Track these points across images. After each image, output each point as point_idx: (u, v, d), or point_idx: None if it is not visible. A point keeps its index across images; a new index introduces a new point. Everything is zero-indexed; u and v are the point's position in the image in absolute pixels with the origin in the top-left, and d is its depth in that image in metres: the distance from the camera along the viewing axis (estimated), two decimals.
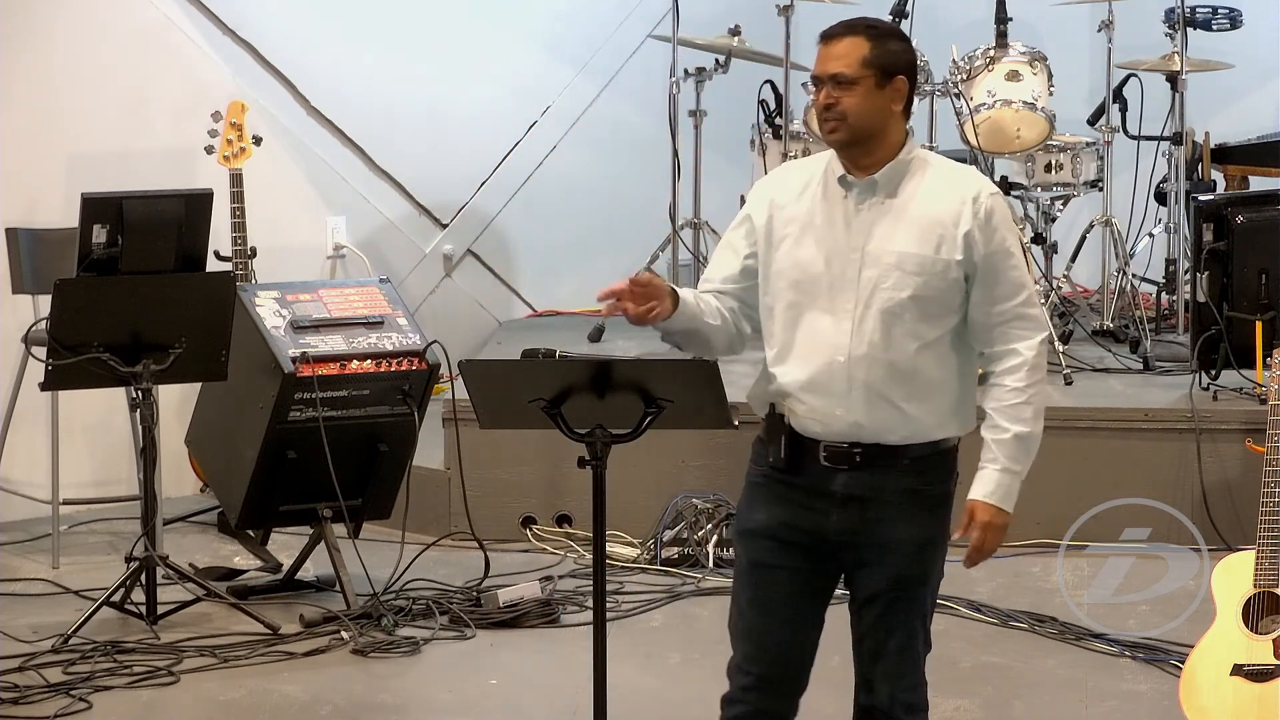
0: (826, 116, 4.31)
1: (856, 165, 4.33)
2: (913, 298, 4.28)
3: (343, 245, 8.89)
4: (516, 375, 4.25)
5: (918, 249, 4.29)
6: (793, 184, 4.40)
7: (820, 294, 4.30)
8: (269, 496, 6.86)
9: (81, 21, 8.19)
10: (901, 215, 4.31)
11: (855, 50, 4.30)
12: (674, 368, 4.23)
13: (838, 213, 4.32)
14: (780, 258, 4.33)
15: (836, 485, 4.32)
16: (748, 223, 4.40)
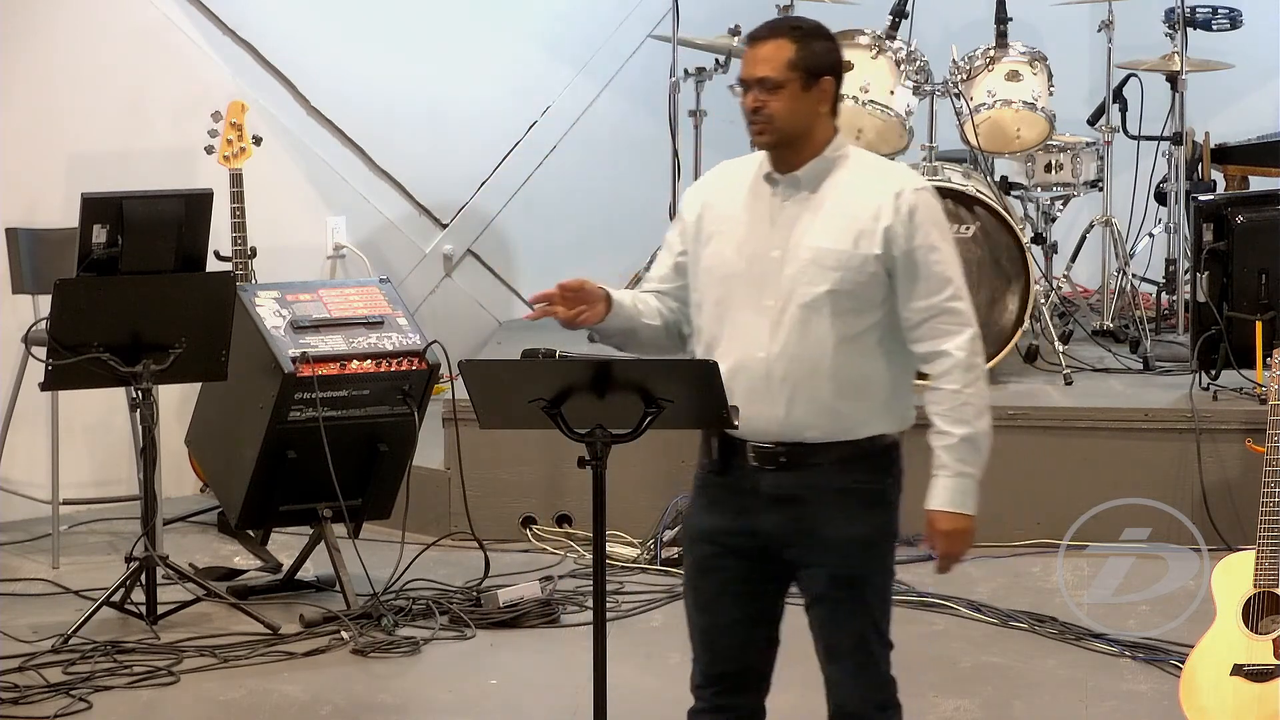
0: (754, 120, 4.32)
1: (784, 164, 4.35)
2: (830, 293, 4.28)
3: (343, 245, 8.89)
4: (516, 375, 4.25)
5: (835, 244, 4.30)
6: (725, 183, 4.43)
7: (744, 291, 4.32)
8: (269, 496, 6.86)
9: (81, 21, 8.19)
10: (823, 211, 4.32)
11: (780, 53, 4.30)
12: (674, 368, 4.23)
13: (763, 210, 4.35)
14: (708, 255, 4.37)
15: (765, 485, 4.33)
16: (680, 222, 4.45)
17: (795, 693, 6.08)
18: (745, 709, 4.53)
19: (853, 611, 4.41)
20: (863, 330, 4.32)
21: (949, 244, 4.38)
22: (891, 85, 8.14)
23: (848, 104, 8.13)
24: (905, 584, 6.99)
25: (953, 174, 7.98)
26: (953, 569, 4.42)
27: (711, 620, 4.45)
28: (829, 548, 4.34)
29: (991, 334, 7.81)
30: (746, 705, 4.53)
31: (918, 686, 6.09)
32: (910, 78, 8.13)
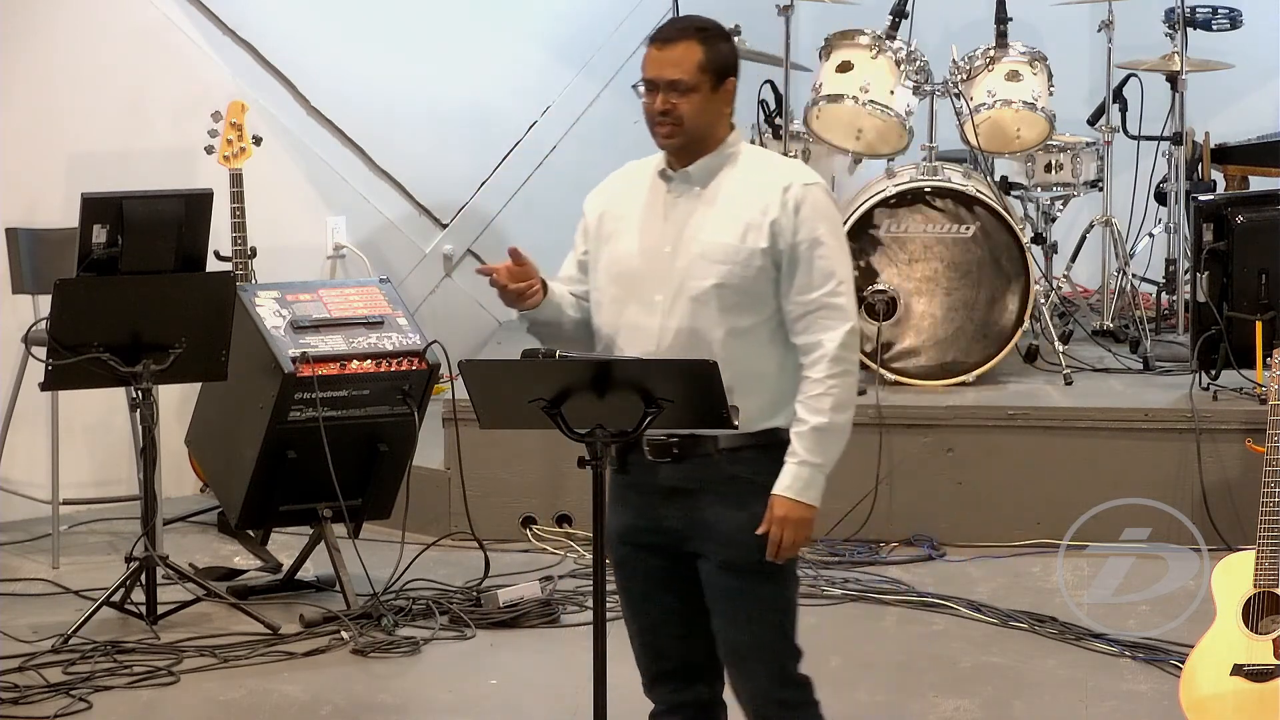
0: (663, 121, 4.35)
1: (679, 161, 4.40)
2: (717, 286, 4.31)
3: (343, 245, 8.89)
4: (516, 375, 4.25)
5: (723, 238, 4.33)
6: (626, 182, 4.49)
7: (638, 286, 4.36)
8: (269, 496, 6.86)
9: (81, 21, 8.19)
10: (713, 205, 4.36)
11: (691, 55, 4.33)
12: (674, 368, 4.23)
13: (658, 207, 4.40)
14: (606, 255, 4.42)
15: (661, 479, 4.36)
16: (583, 221, 4.51)
17: None
18: (702, 700, 4.53)
19: (749, 604, 4.40)
20: (753, 324, 4.34)
21: (837, 239, 4.39)
22: (891, 85, 8.14)
23: (847, 104, 8.14)
24: (905, 584, 7.01)
25: (953, 174, 7.98)
26: (785, 558, 4.37)
27: (645, 619, 4.48)
28: (719, 538, 4.36)
29: (991, 334, 7.82)
30: (702, 697, 4.53)
31: (918, 686, 6.10)
32: (910, 78, 8.13)
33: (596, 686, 4.18)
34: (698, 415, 4.21)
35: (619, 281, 4.38)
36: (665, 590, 4.45)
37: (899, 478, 7.48)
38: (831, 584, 7.02)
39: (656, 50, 4.37)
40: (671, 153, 4.41)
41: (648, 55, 4.39)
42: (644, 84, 4.38)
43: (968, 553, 7.37)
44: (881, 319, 7.78)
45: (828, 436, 4.32)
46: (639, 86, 4.42)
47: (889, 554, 7.36)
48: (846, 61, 8.20)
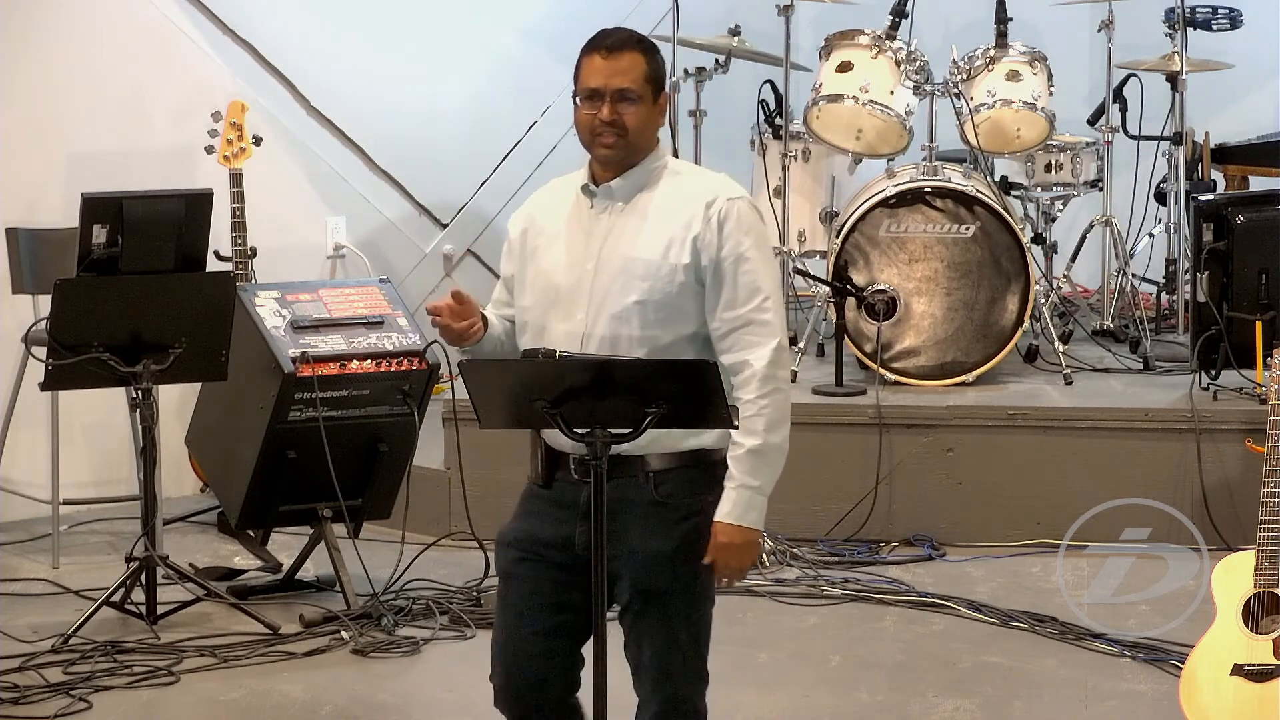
0: (607, 130, 4.32)
1: (608, 176, 4.37)
2: (638, 302, 4.27)
3: (343, 245, 8.89)
4: (516, 375, 4.24)
5: (645, 254, 4.29)
6: (550, 199, 4.44)
7: (560, 303, 4.32)
8: (269, 496, 6.86)
9: (81, 21, 8.19)
10: (636, 220, 4.33)
11: (637, 65, 4.34)
12: (674, 368, 4.22)
13: (581, 222, 4.36)
14: (529, 271, 4.38)
15: (583, 498, 4.24)
16: (507, 242, 4.46)
17: (796, 692, 6.10)
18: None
19: (659, 626, 4.32)
20: (674, 341, 4.30)
21: (763, 254, 4.32)
22: (891, 85, 8.15)
23: (847, 104, 8.15)
24: (905, 584, 7.01)
25: (953, 174, 7.98)
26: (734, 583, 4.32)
27: (505, 630, 4.40)
28: (634, 561, 4.27)
29: (991, 334, 7.82)
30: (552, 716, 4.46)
31: (918, 686, 6.10)
32: (910, 78, 8.13)
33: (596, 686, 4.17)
34: (698, 415, 4.20)
35: (541, 299, 4.34)
36: (544, 609, 4.36)
37: (899, 478, 7.48)
38: (831, 584, 7.02)
39: (603, 59, 4.34)
40: (606, 165, 4.36)
41: (591, 64, 4.34)
42: (586, 93, 4.33)
43: (968, 553, 7.37)
44: (881, 319, 7.78)
45: (764, 458, 4.25)
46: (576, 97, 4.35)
47: (889, 554, 7.36)
48: (846, 61, 8.20)
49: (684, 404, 4.14)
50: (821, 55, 8.34)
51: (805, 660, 6.36)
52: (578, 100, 4.37)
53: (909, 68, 8.12)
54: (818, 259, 8.48)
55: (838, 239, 7.90)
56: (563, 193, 4.44)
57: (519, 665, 4.40)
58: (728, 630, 6.62)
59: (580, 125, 4.38)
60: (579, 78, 4.37)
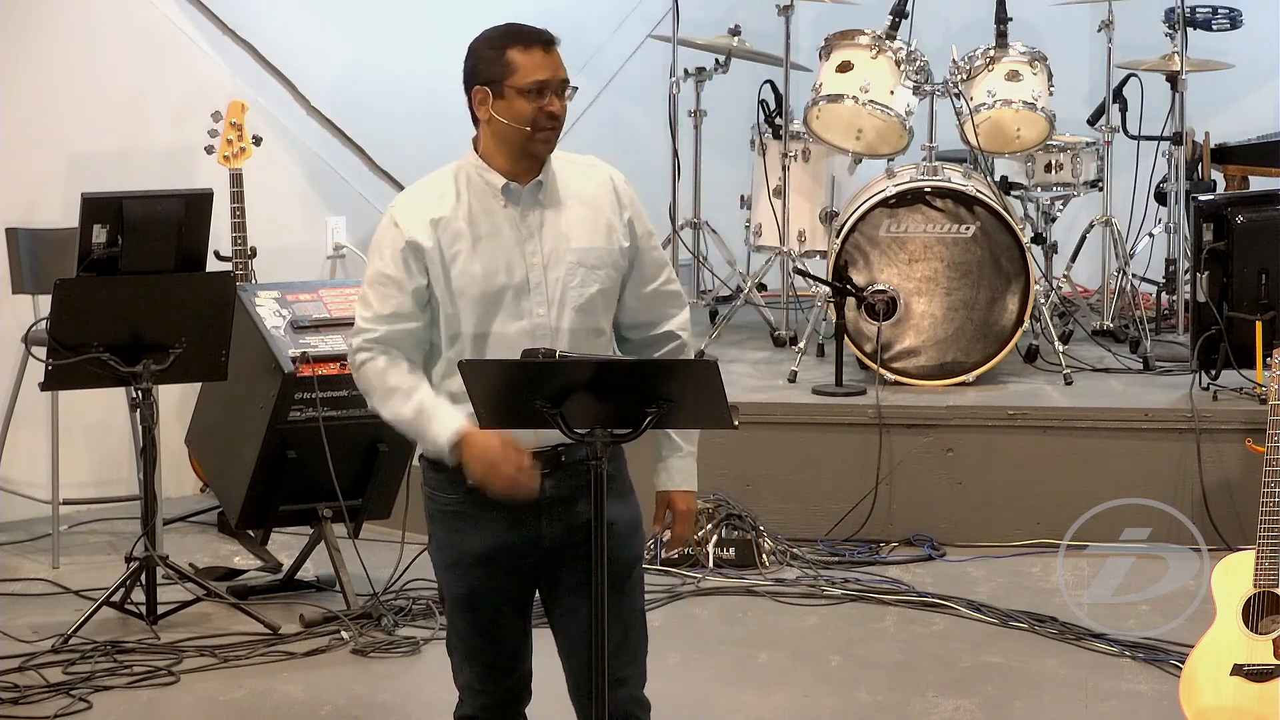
0: (552, 125, 4.35)
1: (522, 171, 4.37)
2: (600, 291, 4.32)
3: (343, 245, 8.89)
4: (516, 375, 4.24)
5: (593, 242, 4.33)
6: (441, 201, 4.36)
7: (506, 303, 4.28)
8: (269, 496, 6.86)
9: (81, 21, 8.19)
10: (564, 212, 4.35)
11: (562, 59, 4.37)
12: (674, 368, 4.23)
13: (501, 220, 4.33)
14: (458, 275, 4.29)
15: (544, 492, 4.27)
16: (411, 250, 4.30)
17: (796, 692, 6.10)
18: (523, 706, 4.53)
19: (629, 599, 4.39)
20: (608, 325, 4.38)
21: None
22: (891, 85, 8.15)
23: (847, 104, 8.15)
24: (905, 584, 7.01)
25: (953, 174, 7.98)
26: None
27: (493, 644, 4.41)
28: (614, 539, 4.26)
29: (991, 334, 7.82)
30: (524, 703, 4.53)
31: (918, 686, 6.10)
32: (910, 78, 8.13)
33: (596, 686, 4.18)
34: (698, 415, 4.21)
35: (482, 301, 4.28)
36: (515, 613, 4.38)
37: (899, 478, 7.48)
38: (831, 584, 7.02)
39: (544, 52, 4.35)
40: (536, 159, 4.36)
41: (533, 57, 4.34)
42: (534, 86, 4.33)
43: (968, 553, 7.37)
44: (881, 319, 7.78)
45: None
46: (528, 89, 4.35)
47: (889, 554, 7.36)
48: (846, 61, 8.20)
49: (684, 403, 4.14)
50: (821, 55, 8.34)
51: (805, 660, 6.35)
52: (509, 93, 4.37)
53: (909, 68, 8.12)
54: (818, 259, 8.48)
55: (838, 239, 7.90)
56: (448, 193, 4.39)
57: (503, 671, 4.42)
58: (728, 630, 6.62)
59: (520, 119, 4.36)
60: (516, 71, 4.35)
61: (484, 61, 4.39)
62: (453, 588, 4.40)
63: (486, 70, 4.38)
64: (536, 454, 4.25)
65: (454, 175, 4.43)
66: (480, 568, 4.34)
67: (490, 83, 4.37)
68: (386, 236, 4.34)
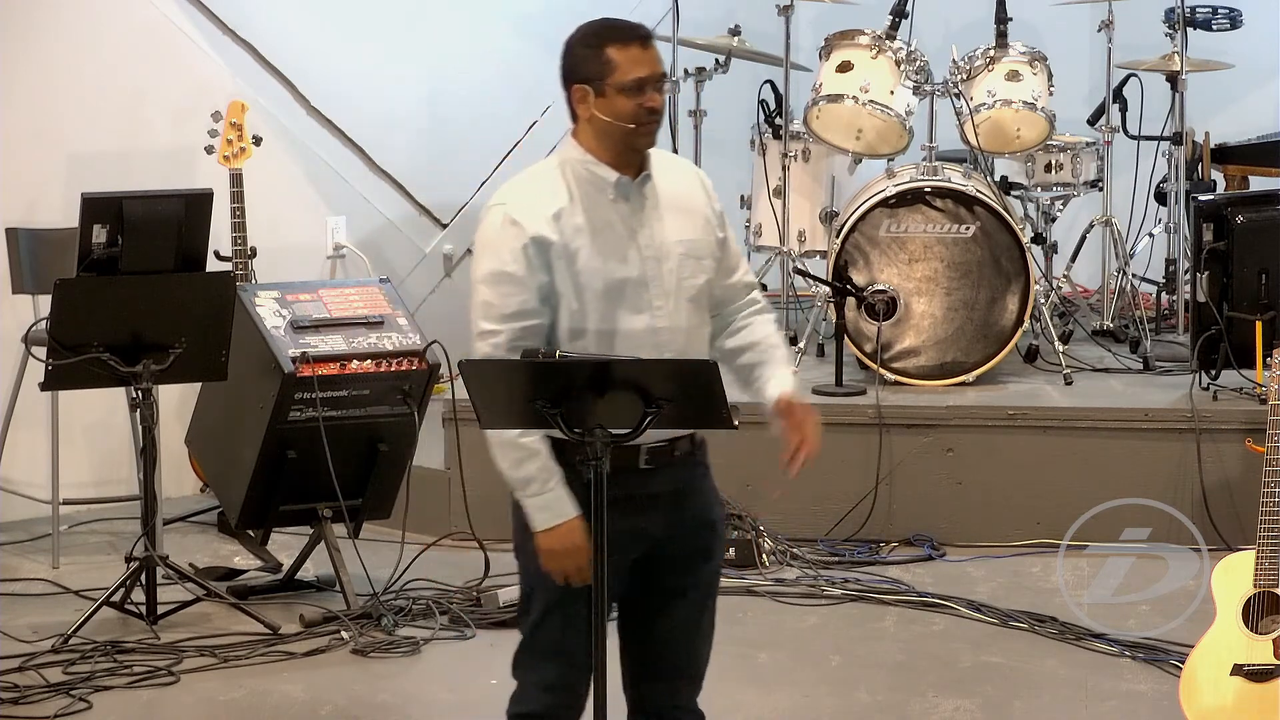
0: (653, 120, 4.32)
1: (627, 166, 4.35)
2: (706, 282, 4.38)
3: (343, 245, 8.89)
4: (516, 375, 4.24)
5: (696, 234, 4.37)
6: (555, 196, 4.33)
7: (628, 297, 4.31)
8: (269, 496, 6.86)
9: (81, 21, 8.19)
10: (668, 206, 4.37)
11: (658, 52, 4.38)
12: (674, 368, 4.23)
13: (612, 214, 4.33)
14: (582, 269, 4.29)
15: (657, 485, 4.33)
16: (535, 245, 4.27)
17: (795, 692, 6.10)
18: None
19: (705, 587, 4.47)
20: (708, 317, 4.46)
21: None
22: (891, 85, 8.15)
23: (847, 104, 8.15)
24: (905, 584, 7.01)
25: (953, 174, 7.98)
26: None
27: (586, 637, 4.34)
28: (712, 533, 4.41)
29: (992, 334, 7.82)
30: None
31: (918, 686, 6.10)
32: (910, 78, 8.13)
33: (596, 686, 4.18)
34: (698, 415, 4.21)
35: (606, 296, 4.30)
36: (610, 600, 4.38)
37: (899, 478, 7.48)
38: (831, 584, 7.02)
39: (642, 48, 4.31)
40: (639, 153, 4.34)
41: (631, 54, 4.29)
42: (634, 84, 4.28)
43: (968, 553, 7.37)
44: (881, 319, 7.78)
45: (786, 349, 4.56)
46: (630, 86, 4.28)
47: (889, 554, 7.36)
48: (846, 61, 8.20)
49: (684, 404, 4.14)
50: (821, 55, 8.34)
51: (805, 660, 6.35)
52: (610, 90, 4.29)
53: (909, 68, 8.12)
54: (818, 259, 8.48)
55: (838, 239, 7.90)
56: (559, 188, 4.35)
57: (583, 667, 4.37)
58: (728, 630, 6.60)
59: (622, 115, 4.30)
60: (616, 69, 4.29)
61: (582, 60, 4.33)
62: (553, 584, 4.38)
63: (585, 68, 4.32)
64: (650, 449, 4.30)
65: (559, 170, 4.36)
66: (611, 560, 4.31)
67: (589, 81, 4.31)
68: (503, 235, 4.29)
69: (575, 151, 4.35)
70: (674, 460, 4.35)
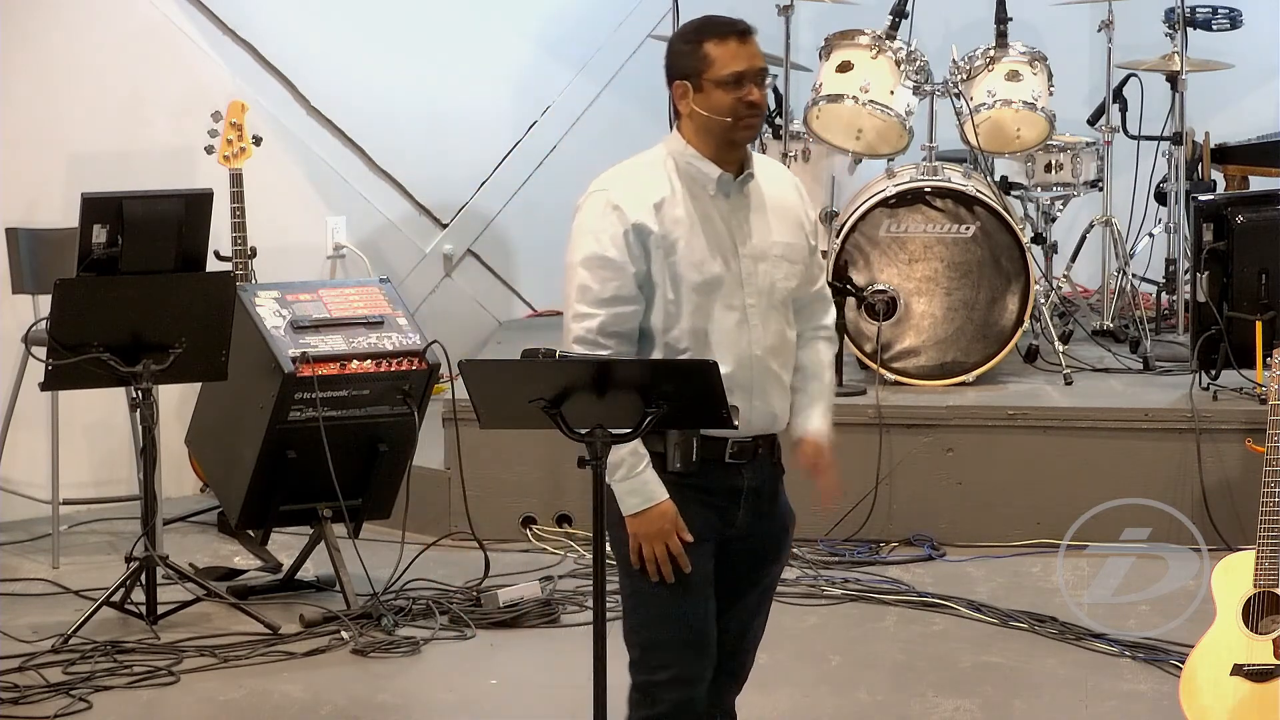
0: (752, 113, 4.33)
1: (729, 162, 4.36)
2: (797, 285, 4.41)
3: (343, 245, 8.89)
4: (516, 375, 4.24)
5: (793, 238, 4.40)
6: (657, 186, 4.35)
7: (722, 293, 4.33)
8: (269, 496, 6.86)
9: (81, 21, 8.19)
10: (766, 206, 4.39)
11: (759, 47, 4.42)
12: (674, 368, 4.23)
13: (712, 211, 4.35)
14: (679, 261, 4.31)
15: (741, 481, 4.38)
16: (636, 233, 4.30)
17: (796, 692, 6.10)
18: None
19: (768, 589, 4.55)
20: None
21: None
22: (891, 85, 8.14)
23: (847, 104, 8.15)
24: (905, 584, 7.01)
25: (953, 174, 7.98)
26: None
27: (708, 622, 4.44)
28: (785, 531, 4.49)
29: (992, 334, 7.82)
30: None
31: (918, 686, 6.10)
32: (910, 78, 8.13)
33: (596, 686, 4.18)
34: (697, 415, 4.21)
35: (701, 290, 4.32)
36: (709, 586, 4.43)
37: (899, 478, 7.48)
38: (831, 584, 7.02)
39: (739, 43, 4.35)
40: (738, 149, 4.35)
41: (728, 49, 4.33)
42: (731, 78, 4.31)
43: (968, 553, 7.37)
44: (881, 319, 7.78)
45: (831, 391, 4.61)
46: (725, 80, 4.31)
47: (889, 554, 7.36)
48: (846, 61, 8.19)
49: (684, 404, 4.14)
50: (821, 55, 8.33)
51: (805, 660, 6.35)
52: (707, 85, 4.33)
53: (909, 68, 8.12)
54: None
55: (838, 239, 7.89)
56: (661, 180, 4.36)
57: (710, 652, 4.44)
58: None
59: (720, 110, 4.32)
60: (713, 64, 4.33)
61: (681, 56, 4.37)
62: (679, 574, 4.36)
63: (684, 64, 4.36)
64: (737, 444, 4.34)
65: (663, 162, 4.40)
66: (700, 546, 4.36)
67: (688, 76, 4.35)
68: (604, 221, 4.31)
69: (680, 144, 4.38)
70: (757, 458, 4.39)
